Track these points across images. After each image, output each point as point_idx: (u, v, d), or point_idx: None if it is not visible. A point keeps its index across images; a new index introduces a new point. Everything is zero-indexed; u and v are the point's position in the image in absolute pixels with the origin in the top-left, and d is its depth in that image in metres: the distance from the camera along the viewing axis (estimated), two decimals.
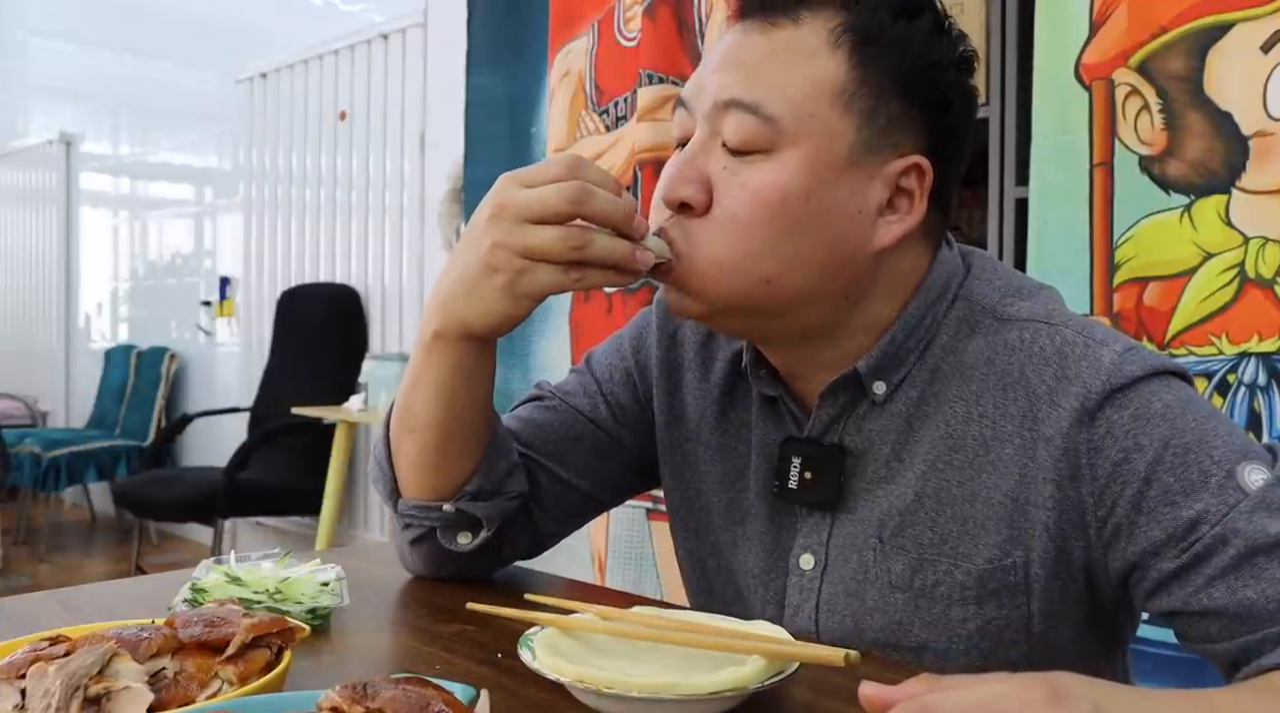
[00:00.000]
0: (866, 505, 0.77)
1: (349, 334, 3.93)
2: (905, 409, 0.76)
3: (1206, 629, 0.66)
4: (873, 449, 0.77)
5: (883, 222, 0.74)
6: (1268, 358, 1.33)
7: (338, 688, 0.50)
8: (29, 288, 6.22)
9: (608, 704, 0.62)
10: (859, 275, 0.75)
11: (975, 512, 0.73)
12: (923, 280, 0.77)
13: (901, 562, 0.75)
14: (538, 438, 0.90)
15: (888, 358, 0.76)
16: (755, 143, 0.71)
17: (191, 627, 0.60)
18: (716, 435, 0.86)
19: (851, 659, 0.60)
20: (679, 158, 0.74)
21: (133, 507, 3.98)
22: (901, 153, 0.73)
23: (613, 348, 0.94)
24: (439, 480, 0.83)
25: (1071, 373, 0.70)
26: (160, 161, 5.30)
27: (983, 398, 0.73)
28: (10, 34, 6.30)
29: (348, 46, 3.99)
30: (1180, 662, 1.34)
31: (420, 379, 0.79)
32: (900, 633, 0.75)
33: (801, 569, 0.80)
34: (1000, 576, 0.72)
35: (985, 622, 0.73)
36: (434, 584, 0.98)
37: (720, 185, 0.72)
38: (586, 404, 0.92)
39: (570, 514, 0.93)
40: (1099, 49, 1.47)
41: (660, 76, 2.09)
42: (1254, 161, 1.34)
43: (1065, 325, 0.73)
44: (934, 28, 0.74)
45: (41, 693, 0.54)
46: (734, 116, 0.71)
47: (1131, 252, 1.44)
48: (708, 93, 0.73)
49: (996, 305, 0.76)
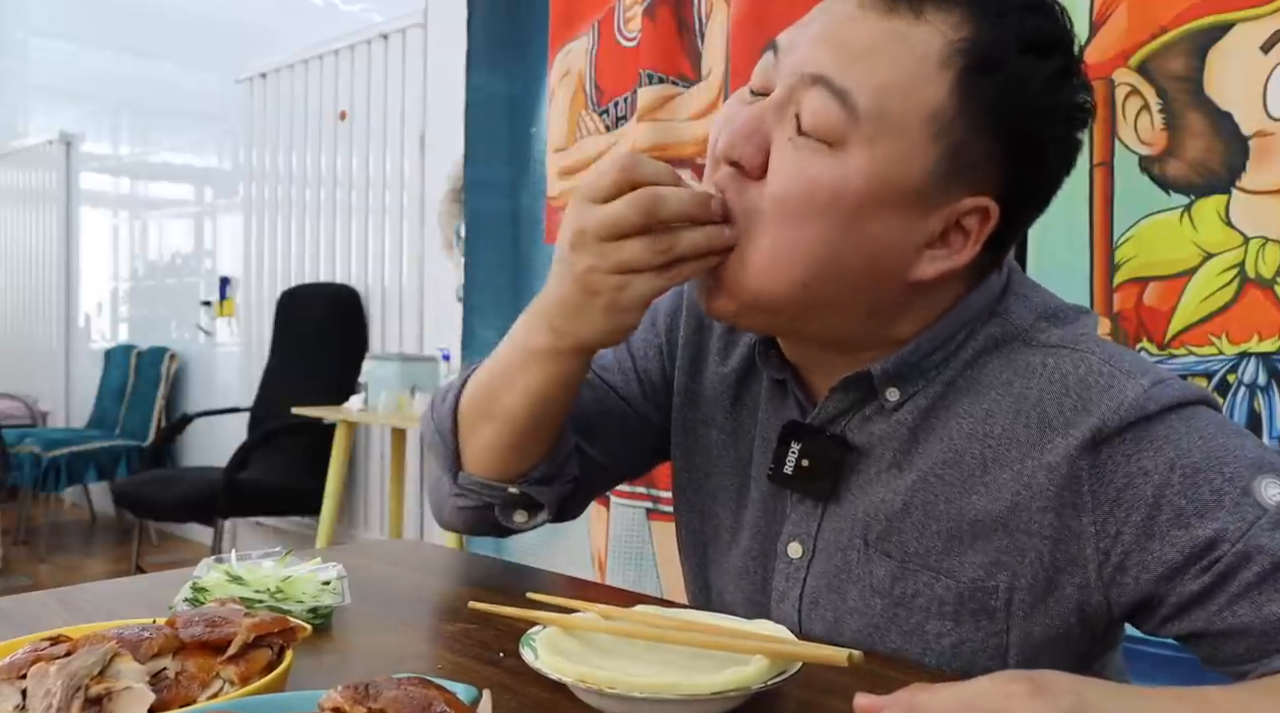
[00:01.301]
0: (856, 504, 0.75)
1: (349, 334, 3.93)
2: (912, 418, 0.74)
3: (1233, 650, 0.63)
4: (874, 451, 0.75)
5: (929, 254, 0.69)
6: (1268, 358, 1.33)
7: (340, 688, 0.50)
8: (29, 288, 6.22)
9: (610, 704, 0.62)
10: (889, 299, 0.72)
11: (961, 530, 0.70)
12: (954, 306, 0.73)
13: (884, 568, 0.73)
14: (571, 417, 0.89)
15: (907, 367, 0.73)
16: (829, 131, 0.66)
17: (193, 626, 0.60)
18: (730, 420, 0.86)
19: (855, 659, 0.60)
20: (753, 109, 0.69)
21: (133, 507, 3.98)
22: (973, 192, 0.68)
23: (648, 323, 0.92)
24: (509, 466, 0.83)
25: (1092, 405, 0.66)
26: (160, 161, 5.30)
27: (991, 418, 0.71)
28: (10, 34, 6.30)
29: (348, 46, 3.99)
30: (1179, 662, 1.34)
31: (514, 381, 0.79)
32: (877, 638, 0.74)
33: (789, 557, 0.79)
34: (980, 597, 0.70)
35: (959, 640, 0.71)
36: (436, 584, 0.98)
37: (778, 158, 0.68)
38: (620, 380, 0.91)
39: (593, 487, 0.92)
40: (1099, 49, 1.47)
41: (660, 76, 2.09)
42: (1254, 161, 1.34)
43: (1092, 352, 0.69)
44: (1061, 71, 0.67)
45: (42, 693, 0.54)
46: (817, 95, 0.66)
47: (1131, 251, 1.44)
48: (797, 57, 0.68)
49: (1029, 329, 0.73)
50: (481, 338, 2.54)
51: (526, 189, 2.47)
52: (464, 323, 2.58)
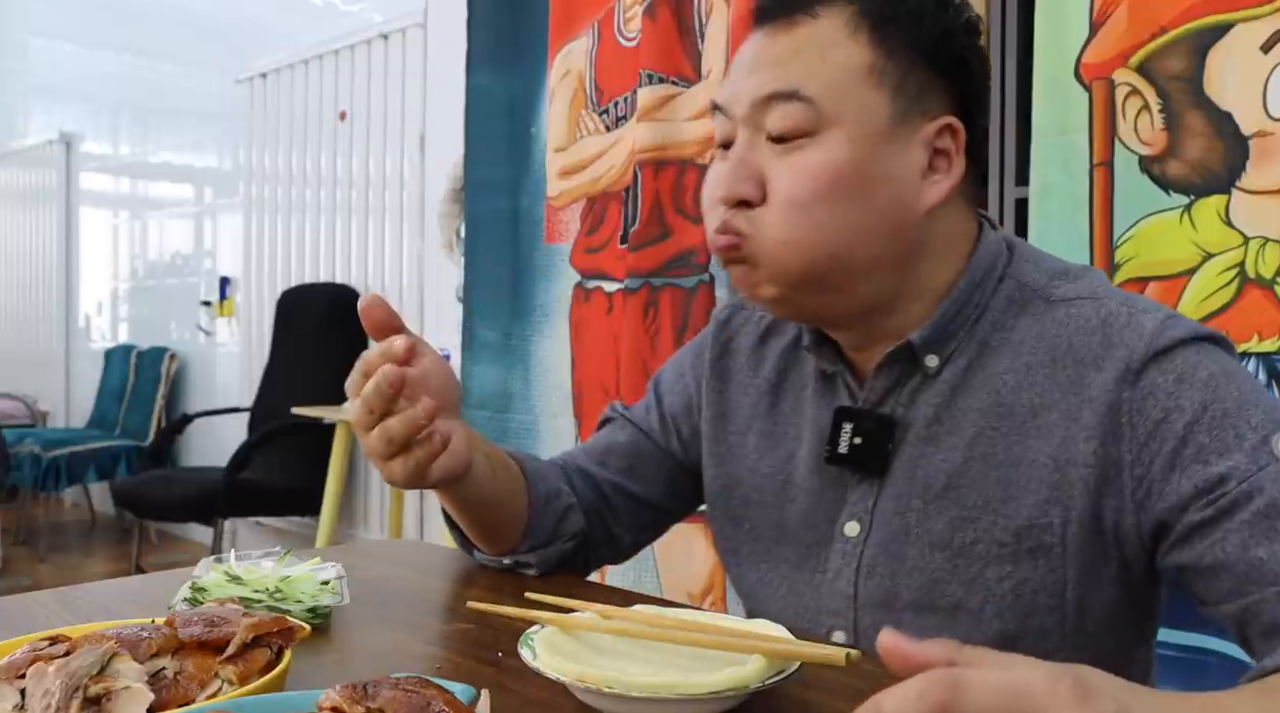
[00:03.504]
0: (911, 469, 0.80)
1: (349, 334, 3.92)
2: (953, 377, 0.80)
3: (1219, 588, 0.68)
4: (920, 418, 0.81)
5: (927, 182, 0.79)
6: (1268, 358, 1.33)
7: (338, 688, 0.50)
8: (29, 288, 6.22)
9: (608, 704, 0.62)
10: (913, 239, 0.80)
11: (1018, 475, 0.76)
12: (972, 250, 0.82)
13: (943, 521, 0.78)
14: (609, 458, 0.99)
15: (939, 331, 0.80)
16: (799, 127, 0.76)
17: (191, 626, 0.60)
18: (767, 424, 0.92)
19: (853, 659, 0.60)
20: (728, 160, 0.79)
21: (132, 507, 3.98)
22: (932, 116, 0.79)
23: (674, 367, 1.02)
24: (498, 547, 0.95)
25: (1116, 339, 0.74)
26: (160, 161, 5.30)
27: (1032, 370, 0.77)
28: (10, 34, 6.30)
29: (347, 46, 3.99)
30: (1187, 663, 1.34)
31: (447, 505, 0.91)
32: (936, 592, 0.78)
33: (846, 536, 0.83)
34: (1037, 534, 0.75)
35: (1020, 581, 0.75)
36: (435, 584, 0.98)
37: (773, 175, 0.77)
38: (649, 424, 1.00)
39: (644, 527, 1.02)
40: (1099, 49, 1.47)
41: (660, 76, 2.09)
42: (1254, 161, 1.34)
43: (1109, 298, 0.77)
44: (937, 1, 0.80)
45: (41, 693, 0.54)
46: (776, 109, 0.77)
47: (1132, 252, 1.44)
48: (744, 95, 0.79)
49: (1045, 287, 0.80)
50: (481, 338, 2.54)
51: (526, 189, 2.47)
52: (464, 323, 2.58)
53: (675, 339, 2.07)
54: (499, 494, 0.90)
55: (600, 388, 2.24)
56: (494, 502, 0.90)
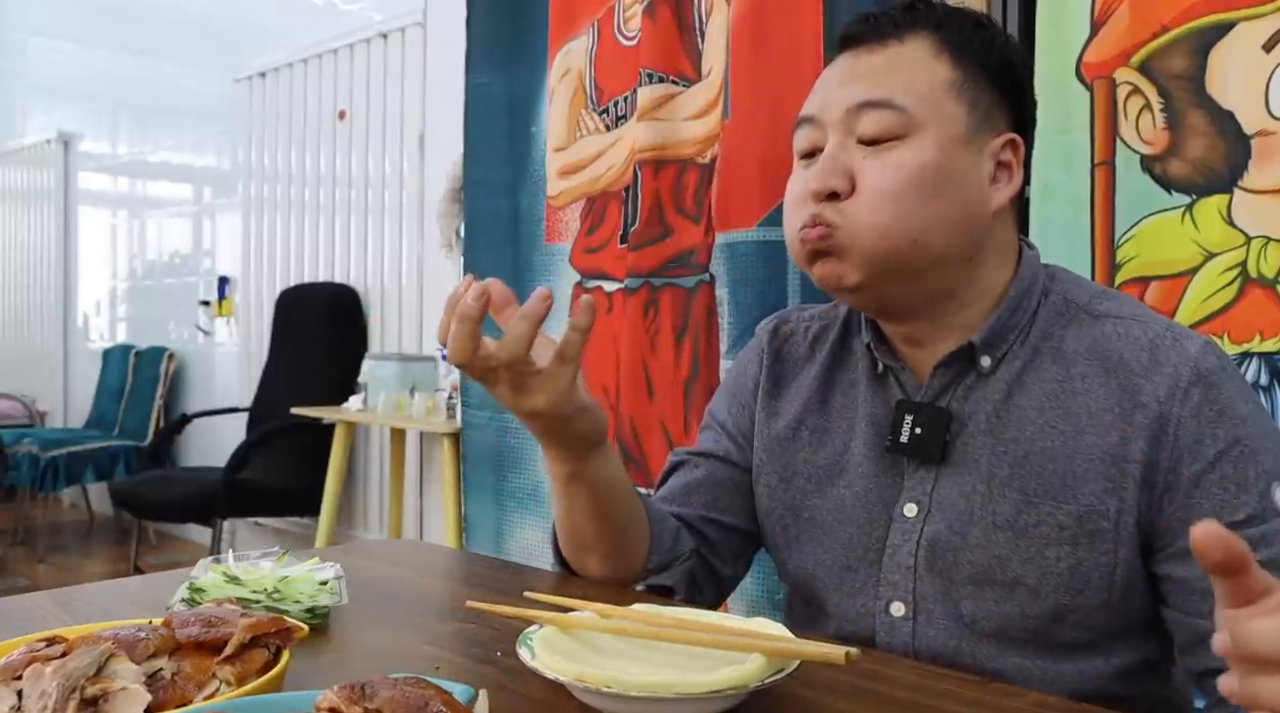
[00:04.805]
0: (972, 459, 0.88)
1: (348, 334, 3.92)
2: (1008, 378, 0.89)
3: (1200, 607, 0.77)
4: (976, 414, 0.89)
5: (994, 187, 0.89)
6: (1269, 357, 1.33)
7: (336, 688, 0.50)
8: (27, 288, 6.21)
9: (607, 703, 0.61)
10: (979, 239, 0.89)
11: (1077, 466, 0.84)
12: (1019, 261, 0.92)
13: (1008, 504, 0.85)
14: (691, 498, 1.03)
15: (995, 334, 0.89)
16: (891, 131, 0.86)
17: (189, 627, 0.60)
18: (819, 419, 0.99)
19: (852, 657, 0.60)
20: (820, 158, 0.88)
21: (131, 507, 3.97)
22: (998, 132, 0.90)
23: (724, 393, 1.08)
24: (626, 570, 0.97)
25: (1163, 358, 0.83)
26: (159, 161, 5.29)
27: (1087, 378, 0.86)
28: (9, 33, 6.30)
29: (347, 46, 3.99)
30: None
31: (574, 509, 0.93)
32: (998, 568, 0.85)
33: (905, 517, 0.90)
34: (1095, 520, 0.83)
35: (1077, 562, 0.83)
36: (434, 584, 0.97)
37: (863, 171, 0.86)
38: (719, 449, 1.04)
39: (740, 554, 1.05)
40: (1100, 48, 1.46)
41: (660, 75, 2.09)
42: (1256, 161, 1.34)
43: (1153, 322, 0.86)
44: (999, 36, 0.93)
45: (38, 694, 0.54)
46: (869, 114, 0.86)
47: (1133, 251, 1.43)
48: (837, 103, 0.88)
49: (1089, 304, 0.90)
50: None
51: (526, 189, 2.47)
52: None
53: (675, 339, 2.07)
54: (630, 494, 0.94)
55: (600, 388, 2.23)
56: (627, 496, 0.93)
